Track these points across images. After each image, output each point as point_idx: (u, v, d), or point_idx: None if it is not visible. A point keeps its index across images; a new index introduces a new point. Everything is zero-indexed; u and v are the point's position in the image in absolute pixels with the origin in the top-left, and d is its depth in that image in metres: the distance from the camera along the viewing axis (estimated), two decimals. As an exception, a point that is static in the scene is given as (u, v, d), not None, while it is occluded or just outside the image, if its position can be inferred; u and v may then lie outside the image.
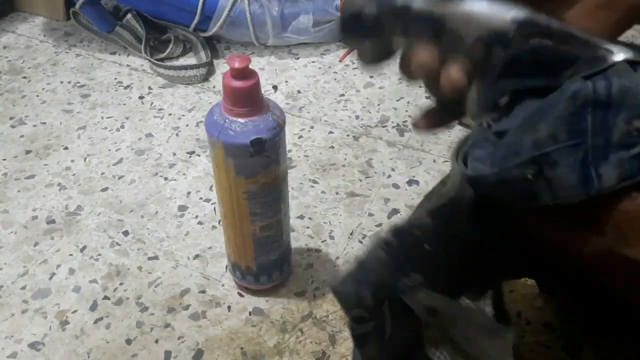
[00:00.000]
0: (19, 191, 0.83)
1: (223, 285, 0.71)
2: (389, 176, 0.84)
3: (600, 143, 0.30)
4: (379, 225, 0.77)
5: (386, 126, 0.92)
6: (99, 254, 0.74)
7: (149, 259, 0.74)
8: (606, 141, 0.30)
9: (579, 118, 0.31)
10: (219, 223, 0.77)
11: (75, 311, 0.68)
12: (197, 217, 0.79)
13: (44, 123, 0.95)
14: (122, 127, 0.94)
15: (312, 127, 0.93)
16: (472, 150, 0.35)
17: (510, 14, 0.33)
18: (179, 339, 0.65)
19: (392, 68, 1.06)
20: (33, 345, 0.65)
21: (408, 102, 0.96)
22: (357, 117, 0.94)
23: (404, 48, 0.37)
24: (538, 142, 0.31)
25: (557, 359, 0.59)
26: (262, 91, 0.57)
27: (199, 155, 0.88)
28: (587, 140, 0.30)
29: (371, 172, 0.85)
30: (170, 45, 1.07)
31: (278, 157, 0.58)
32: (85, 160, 0.88)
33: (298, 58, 1.07)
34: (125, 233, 0.77)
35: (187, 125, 0.94)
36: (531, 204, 0.32)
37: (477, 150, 0.35)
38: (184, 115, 0.96)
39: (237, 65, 0.53)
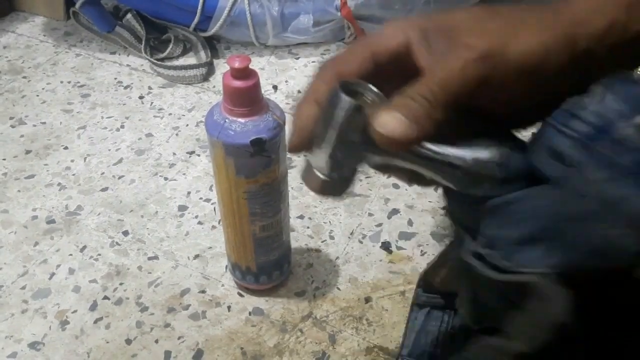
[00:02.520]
0: (18, 191, 0.83)
1: (223, 285, 0.71)
2: (389, 176, 0.84)
3: (632, 158, 0.28)
4: (379, 225, 0.77)
5: (386, 126, 0.92)
6: (99, 254, 0.74)
7: (149, 258, 0.74)
8: (633, 154, 0.29)
9: (596, 154, 0.29)
10: (218, 223, 0.77)
11: (75, 311, 0.68)
12: (197, 217, 0.79)
13: (44, 123, 0.95)
14: (122, 127, 0.94)
15: (312, 127, 0.93)
16: None
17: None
18: (178, 339, 0.65)
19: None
20: (33, 345, 0.65)
21: (408, 102, 0.96)
22: (357, 117, 0.94)
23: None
24: (589, 196, 0.29)
25: None
26: (262, 91, 0.57)
27: (199, 155, 0.88)
28: (622, 162, 0.29)
29: (371, 171, 0.85)
30: (170, 45, 1.07)
31: (278, 157, 0.58)
32: (85, 160, 0.88)
33: (298, 58, 1.07)
34: (125, 233, 0.77)
35: (187, 125, 0.94)
36: (625, 266, 0.29)
37: None
38: (184, 115, 0.96)
39: (237, 65, 0.53)
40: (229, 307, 0.68)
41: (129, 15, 1.10)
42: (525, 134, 0.34)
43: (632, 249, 0.29)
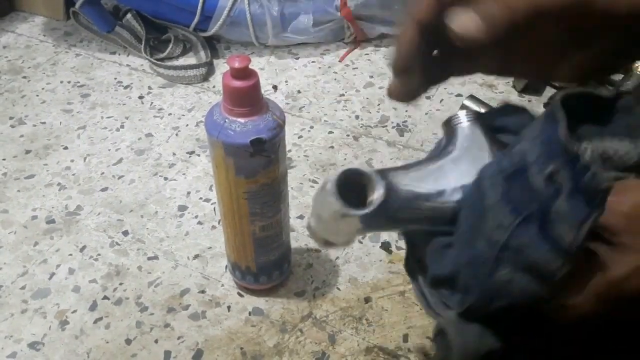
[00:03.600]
0: (18, 191, 0.83)
1: (223, 285, 0.71)
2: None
3: (539, 207, 0.29)
4: (379, 225, 0.77)
5: (386, 126, 0.92)
6: (99, 254, 0.74)
7: (149, 258, 0.74)
8: (540, 202, 0.29)
9: (510, 196, 0.30)
10: (218, 223, 0.77)
11: (74, 311, 0.68)
12: (196, 217, 0.79)
13: (44, 123, 0.95)
14: (122, 127, 0.94)
15: (312, 127, 0.93)
16: (436, 301, 0.34)
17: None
18: (178, 339, 0.65)
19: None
20: (33, 345, 0.65)
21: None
22: (357, 117, 0.94)
23: None
24: (491, 240, 0.31)
25: None
26: (262, 91, 0.57)
27: (198, 155, 0.88)
28: (529, 210, 0.30)
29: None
30: (170, 45, 1.07)
31: (278, 157, 0.58)
32: (85, 160, 0.88)
33: (298, 58, 1.07)
34: (125, 233, 0.77)
35: (187, 125, 0.94)
36: (527, 304, 0.31)
37: (440, 294, 0.34)
38: (183, 115, 0.96)
39: (237, 65, 0.53)
40: (228, 307, 0.68)
41: (128, 15, 1.10)
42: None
43: (530, 292, 0.30)
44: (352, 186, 0.33)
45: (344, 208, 0.32)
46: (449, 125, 0.36)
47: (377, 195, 0.32)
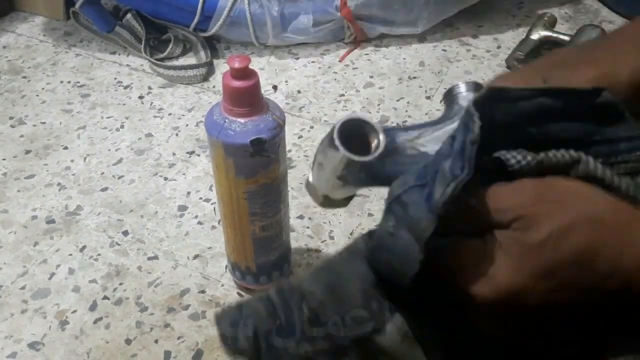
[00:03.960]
0: (18, 191, 0.83)
1: (223, 285, 0.71)
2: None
3: (436, 169, 0.31)
4: (379, 225, 0.77)
5: (386, 126, 0.92)
6: (99, 254, 0.74)
7: (149, 259, 0.74)
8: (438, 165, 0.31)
9: (427, 165, 0.32)
10: (218, 223, 0.77)
11: (74, 311, 0.68)
12: (196, 217, 0.79)
13: (44, 123, 0.95)
14: (122, 127, 0.94)
15: (312, 127, 0.93)
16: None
17: None
18: (178, 339, 0.65)
19: (392, 69, 1.05)
20: (32, 345, 0.65)
21: (408, 102, 0.96)
22: (357, 117, 0.94)
23: None
24: (391, 192, 0.33)
25: None
26: (262, 91, 0.57)
27: (198, 155, 0.88)
28: (431, 176, 0.31)
29: (371, 172, 0.85)
30: (170, 45, 1.07)
31: (278, 157, 0.58)
32: (85, 160, 0.88)
33: (298, 58, 1.07)
34: (125, 233, 0.77)
35: (187, 125, 0.94)
36: (407, 257, 0.31)
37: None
38: (183, 115, 0.96)
39: (237, 65, 0.53)
40: (228, 307, 0.68)
41: (128, 15, 1.10)
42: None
43: (408, 252, 0.31)
44: (353, 137, 0.34)
45: (347, 154, 0.33)
46: (450, 96, 0.38)
47: (379, 142, 0.34)
